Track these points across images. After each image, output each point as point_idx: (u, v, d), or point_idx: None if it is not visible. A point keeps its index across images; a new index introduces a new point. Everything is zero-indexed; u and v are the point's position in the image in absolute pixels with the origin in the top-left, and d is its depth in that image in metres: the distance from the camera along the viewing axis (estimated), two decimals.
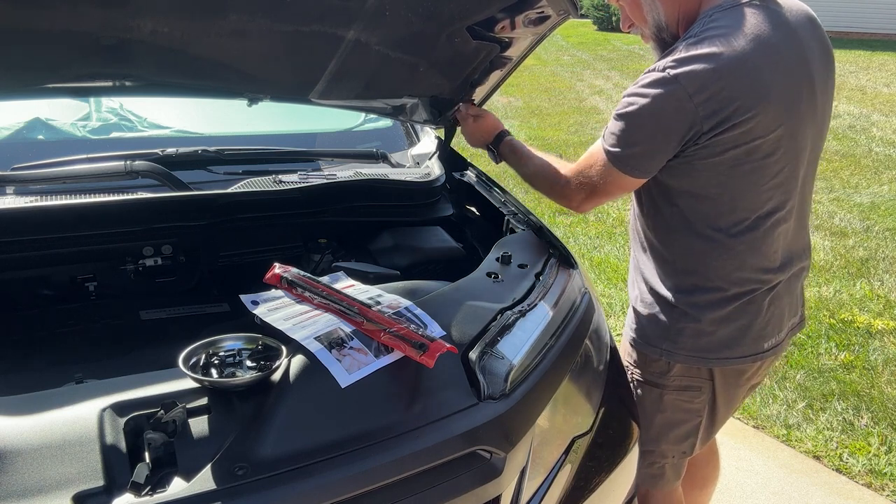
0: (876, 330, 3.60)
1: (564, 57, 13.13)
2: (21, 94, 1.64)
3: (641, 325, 1.66)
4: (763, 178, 1.45)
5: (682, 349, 1.60)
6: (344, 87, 1.78)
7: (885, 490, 2.51)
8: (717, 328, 1.56)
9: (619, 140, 1.44)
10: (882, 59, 12.32)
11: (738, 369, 1.63)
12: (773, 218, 1.50)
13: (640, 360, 1.68)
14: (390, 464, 1.06)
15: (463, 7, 1.53)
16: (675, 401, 1.67)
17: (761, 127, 1.38)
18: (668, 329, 1.60)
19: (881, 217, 5.23)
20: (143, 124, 2.21)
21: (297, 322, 1.22)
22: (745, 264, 1.52)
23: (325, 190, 1.93)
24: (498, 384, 1.23)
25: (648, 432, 1.71)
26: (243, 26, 1.43)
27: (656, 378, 1.66)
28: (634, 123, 1.42)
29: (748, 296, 1.54)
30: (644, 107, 1.39)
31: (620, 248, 4.59)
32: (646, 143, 1.43)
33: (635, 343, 1.68)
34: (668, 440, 1.72)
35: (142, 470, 0.94)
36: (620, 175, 1.47)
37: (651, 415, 1.70)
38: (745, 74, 1.36)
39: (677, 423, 1.70)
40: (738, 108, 1.35)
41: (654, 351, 1.63)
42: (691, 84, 1.34)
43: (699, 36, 1.38)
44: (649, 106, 1.38)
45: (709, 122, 1.36)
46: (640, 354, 1.68)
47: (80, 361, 1.44)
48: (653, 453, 1.74)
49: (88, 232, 1.69)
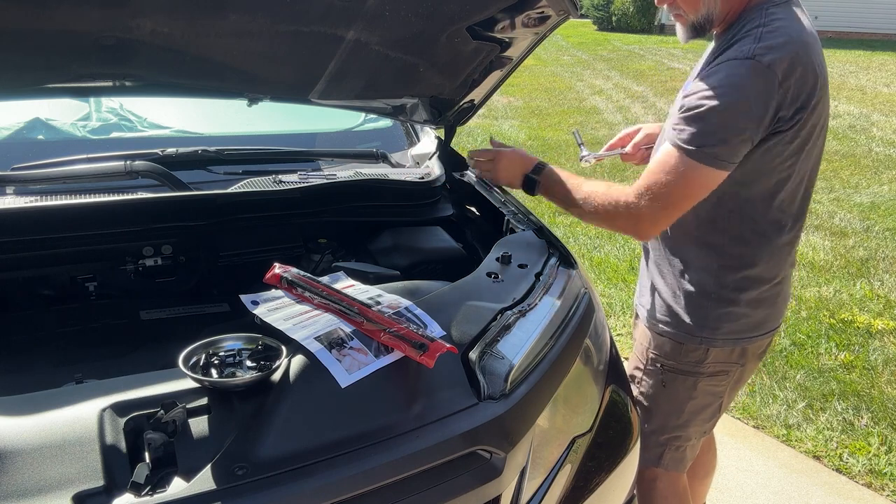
0: (876, 330, 3.60)
1: (564, 57, 13.13)
2: (21, 94, 1.64)
3: (677, 317, 1.67)
4: (807, 165, 1.54)
5: (721, 334, 1.64)
6: (344, 87, 1.78)
7: (885, 490, 2.51)
8: (754, 310, 1.64)
9: (706, 134, 1.41)
10: (882, 59, 12.33)
11: (762, 344, 1.72)
12: (807, 204, 1.61)
13: (673, 351, 1.70)
14: (390, 464, 1.06)
15: (463, 7, 1.53)
16: (706, 386, 1.71)
17: (816, 114, 1.47)
18: (708, 317, 1.63)
19: (881, 217, 5.23)
20: (143, 124, 2.21)
21: (297, 322, 1.22)
22: (784, 249, 1.61)
23: (325, 190, 1.93)
24: (498, 384, 1.23)
25: (678, 419, 1.76)
26: (243, 26, 1.43)
27: (692, 367, 1.69)
28: (726, 114, 1.40)
29: (781, 276, 1.64)
30: (736, 96, 1.39)
31: (620, 248, 4.59)
32: (737, 132, 1.41)
33: (670, 335, 1.70)
34: (696, 423, 1.77)
35: (142, 470, 0.94)
36: (707, 172, 1.43)
37: (683, 402, 1.74)
38: (812, 62, 1.43)
39: (706, 406, 1.75)
40: (810, 93, 1.42)
41: (693, 340, 1.66)
42: (781, 70, 1.38)
43: (770, 26, 1.42)
44: (743, 94, 1.39)
45: (792, 107, 1.41)
46: (674, 346, 1.70)
47: (80, 361, 1.44)
48: (679, 438, 1.79)
49: (88, 232, 1.68)
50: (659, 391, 1.76)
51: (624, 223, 1.55)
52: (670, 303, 1.68)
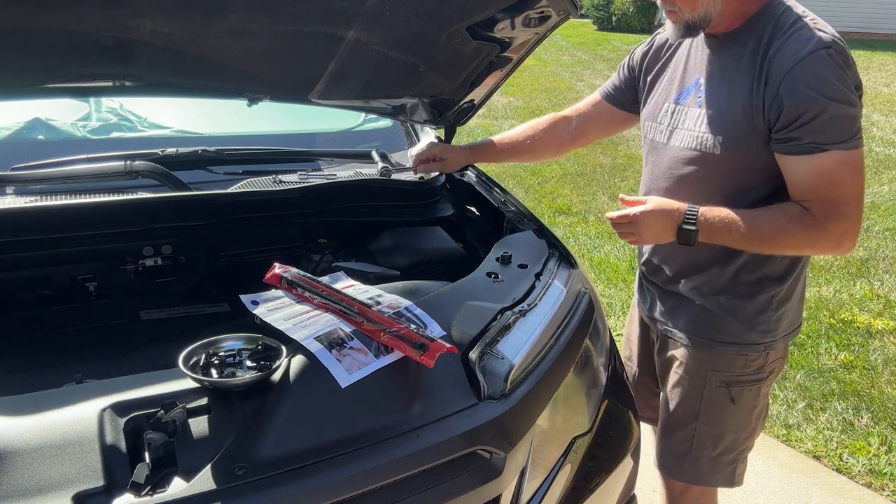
0: (876, 330, 3.60)
1: (564, 57, 13.13)
2: (21, 94, 1.64)
3: (735, 330, 1.60)
4: None
5: (780, 334, 1.62)
6: (344, 88, 1.78)
7: (885, 490, 2.51)
8: (800, 301, 1.65)
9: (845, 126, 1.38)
10: (882, 59, 12.32)
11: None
12: None
13: (737, 364, 1.63)
14: (390, 464, 1.06)
15: (463, 7, 1.53)
16: (766, 388, 1.69)
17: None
18: (768, 320, 1.59)
19: (881, 217, 5.23)
20: (143, 124, 2.21)
21: (297, 322, 1.22)
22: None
23: (325, 190, 1.93)
24: (498, 384, 1.23)
25: (747, 430, 1.69)
26: (243, 26, 1.43)
27: (755, 374, 1.64)
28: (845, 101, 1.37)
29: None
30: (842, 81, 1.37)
31: (620, 248, 4.59)
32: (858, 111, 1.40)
33: (732, 349, 1.62)
34: (759, 428, 1.74)
35: (142, 470, 0.94)
36: (861, 154, 1.40)
37: (750, 412, 1.68)
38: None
39: (765, 408, 1.73)
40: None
41: (757, 349, 1.61)
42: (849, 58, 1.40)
43: (809, 16, 1.44)
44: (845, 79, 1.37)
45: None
46: (738, 358, 1.62)
47: (80, 361, 1.44)
48: (747, 449, 1.73)
49: (88, 232, 1.68)
50: (728, 410, 1.66)
51: (826, 244, 1.45)
52: (723, 315, 1.60)
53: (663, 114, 1.63)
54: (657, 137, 1.64)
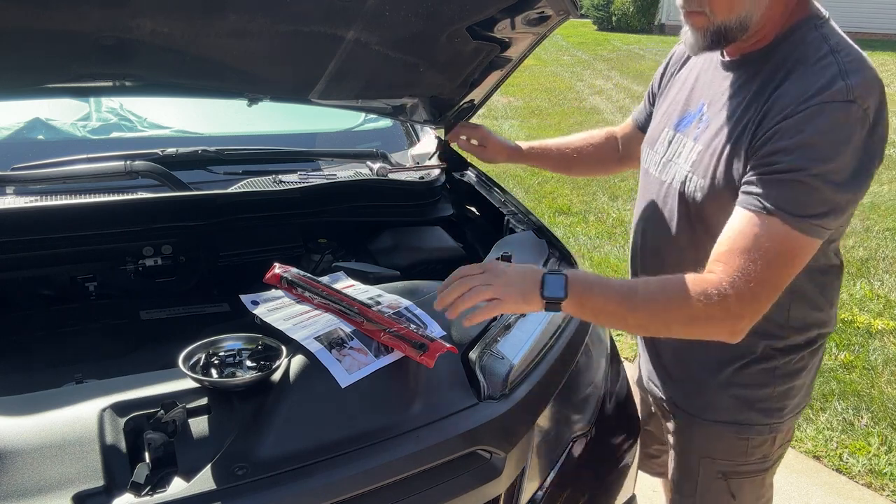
0: (876, 330, 3.60)
1: (564, 57, 13.13)
2: (21, 94, 1.64)
3: (737, 408, 1.39)
4: None
5: (788, 412, 1.40)
6: (344, 87, 1.78)
7: (885, 490, 2.51)
8: (813, 372, 1.40)
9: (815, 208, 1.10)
10: (882, 59, 12.32)
11: None
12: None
13: (737, 450, 1.42)
14: (390, 464, 1.06)
15: (463, 7, 1.53)
16: (770, 476, 1.50)
17: None
18: (778, 397, 1.37)
19: (881, 217, 5.23)
20: (143, 124, 2.21)
21: (297, 322, 1.22)
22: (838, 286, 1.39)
23: (325, 190, 1.93)
24: (498, 384, 1.23)
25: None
26: (243, 26, 1.43)
27: (760, 462, 1.44)
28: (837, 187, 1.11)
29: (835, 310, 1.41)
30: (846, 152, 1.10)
31: (620, 249, 4.59)
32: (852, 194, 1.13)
33: (730, 431, 1.41)
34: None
35: (142, 470, 0.94)
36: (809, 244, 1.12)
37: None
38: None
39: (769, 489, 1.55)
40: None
41: (761, 430, 1.40)
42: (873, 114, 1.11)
43: (845, 52, 1.15)
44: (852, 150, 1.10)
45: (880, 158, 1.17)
46: (738, 443, 1.41)
47: (80, 361, 1.44)
48: None
49: (88, 232, 1.69)
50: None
51: (720, 324, 1.14)
52: (718, 391, 1.39)
53: (661, 142, 1.42)
54: (651, 169, 1.44)
